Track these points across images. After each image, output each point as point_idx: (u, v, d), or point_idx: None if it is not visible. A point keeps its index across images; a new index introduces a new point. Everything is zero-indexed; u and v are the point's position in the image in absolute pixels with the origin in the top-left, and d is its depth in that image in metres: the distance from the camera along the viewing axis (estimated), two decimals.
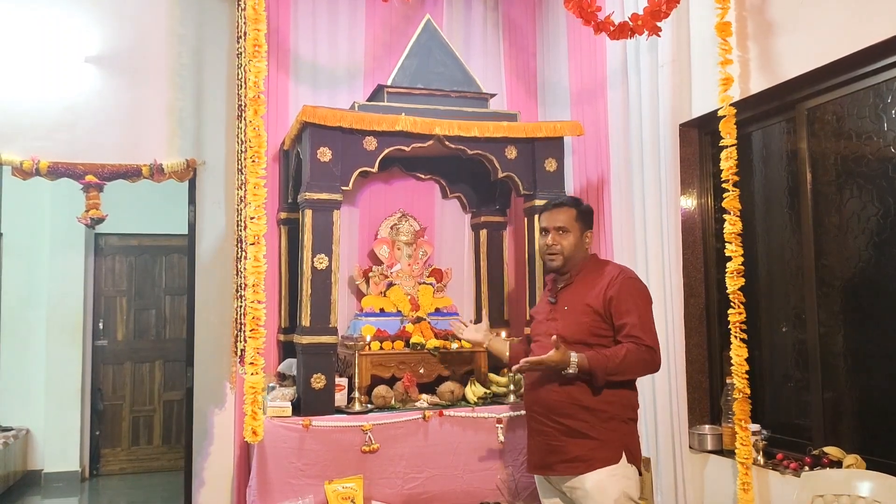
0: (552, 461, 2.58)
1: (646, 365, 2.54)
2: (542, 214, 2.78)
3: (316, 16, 4.10)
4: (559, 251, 2.66)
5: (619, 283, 2.57)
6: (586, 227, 2.72)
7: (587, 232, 2.72)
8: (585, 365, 2.47)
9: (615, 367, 2.47)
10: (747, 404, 2.78)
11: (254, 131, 2.81)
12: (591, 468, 2.48)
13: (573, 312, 2.61)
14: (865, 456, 2.55)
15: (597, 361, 2.47)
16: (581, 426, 2.52)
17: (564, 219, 2.68)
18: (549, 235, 2.69)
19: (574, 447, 2.52)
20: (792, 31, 2.72)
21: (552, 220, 2.70)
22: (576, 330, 2.57)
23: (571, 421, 2.53)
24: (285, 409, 3.16)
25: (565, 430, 2.54)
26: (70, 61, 3.89)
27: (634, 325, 2.50)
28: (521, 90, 4.39)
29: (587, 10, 2.98)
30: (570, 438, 2.53)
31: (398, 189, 4.13)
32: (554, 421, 2.57)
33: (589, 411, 2.51)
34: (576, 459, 2.51)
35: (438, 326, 3.67)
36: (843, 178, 2.75)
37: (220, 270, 4.01)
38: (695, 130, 3.34)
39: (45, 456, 5.76)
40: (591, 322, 2.56)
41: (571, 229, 2.67)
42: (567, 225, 2.67)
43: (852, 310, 2.72)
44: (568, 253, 2.66)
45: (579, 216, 2.70)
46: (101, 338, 6.07)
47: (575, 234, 2.67)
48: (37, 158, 3.74)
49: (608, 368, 2.47)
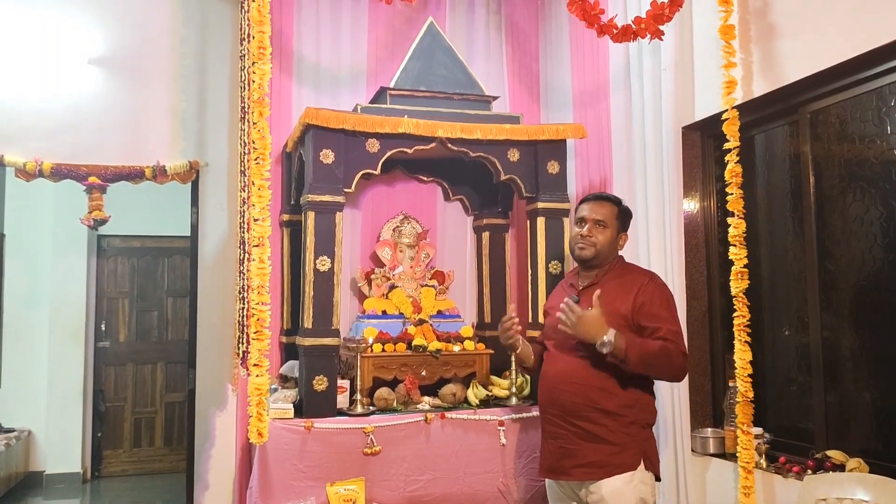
0: (567, 465, 2.50)
1: (674, 367, 2.46)
2: (582, 204, 2.70)
3: (319, 18, 4.10)
4: (593, 243, 2.59)
5: (650, 289, 2.52)
6: (623, 228, 2.68)
7: (623, 234, 2.68)
8: (622, 344, 2.37)
9: (649, 356, 2.39)
10: (750, 408, 2.76)
11: (258, 133, 2.82)
12: (608, 474, 2.42)
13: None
14: (868, 459, 2.55)
15: (633, 344, 2.39)
16: (600, 430, 2.45)
17: (606, 213, 2.63)
18: (585, 226, 2.62)
19: (591, 452, 2.45)
20: (795, 34, 2.72)
21: (593, 211, 2.63)
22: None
23: (590, 425, 2.46)
24: (287, 411, 3.16)
25: (583, 434, 2.47)
26: (73, 63, 3.90)
27: (671, 329, 2.45)
28: (523, 93, 4.39)
29: (590, 12, 2.99)
30: (587, 443, 2.46)
31: (400, 191, 4.13)
32: (571, 424, 2.49)
33: (609, 415, 2.45)
34: (593, 465, 2.44)
35: (440, 329, 3.67)
36: (846, 182, 2.74)
37: (222, 272, 4.02)
38: (697, 133, 3.34)
39: (46, 457, 5.78)
40: (615, 326, 2.44)
41: (610, 225, 2.62)
42: (607, 220, 2.62)
43: (855, 313, 2.72)
44: (601, 247, 2.59)
45: (620, 215, 2.66)
46: (104, 339, 6.09)
47: (612, 231, 2.62)
48: (40, 160, 3.75)
49: (642, 355, 2.39)
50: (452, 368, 3.54)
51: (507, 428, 3.33)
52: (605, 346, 2.38)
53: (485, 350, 3.64)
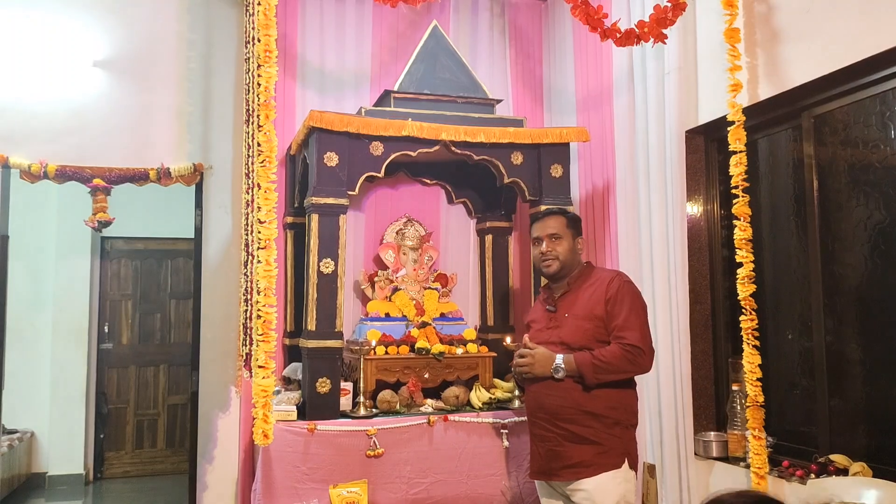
0: (555, 467, 2.59)
1: (630, 364, 2.54)
2: (532, 226, 2.85)
3: (323, 21, 4.11)
4: (555, 256, 2.71)
5: (615, 286, 2.62)
6: (577, 233, 2.80)
7: (578, 238, 2.79)
8: (573, 365, 2.53)
9: (601, 365, 2.51)
10: (760, 412, 2.75)
11: (264, 136, 2.83)
12: (594, 473, 2.51)
13: (575, 318, 2.64)
14: (872, 464, 2.55)
15: (583, 361, 2.52)
16: (586, 432, 2.53)
17: (555, 225, 2.75)
18: (542, 244, 2.74)
19: (577, 452, 2.54)
20: (799, 38, 2.73)
21: (543, 228, 2.76)
22: (580, 336, 2.60)
23: (576, 427, 2.55)
24: (290, 413, 3.16)
25: (569, 436, 2.56)
26: (79, 65, 3.91)
27: (620, 325, 2.56)
28: (527, 96, 4.40)
29: (594, 17, 3.00)
30: (573, 444, 2.55)
31: (404, 194, 4.14)
32: (558, 427, 2.58)
33: (594, 417, 2.54)
34: (579, 465, 2.53)
35: (443, 331, 3.68)
36: (849, 186, 2.75)
37: (225, 274, 4.02)
38: (701, 137, 3.34)
39: (49, 459, 5.77)
40: (594, 328, 2.59)
41: (564, 235, 2.73)
42: (559, 231, 2.74)
43: (859, 317, 2.72)
44: (563, 258, 2.71)
45: (569, 223, 2.78)
46: (107, 341, 6.09)
47: (567, 240, 2.74)
48: (45, 162, 3.76)
49: (596, 367, 2.51)
50: (455, 371, 3.54)
51: (510, 431, 3.33)
52: (559, 371, 2.56)
53: (487, 353, 3.64)
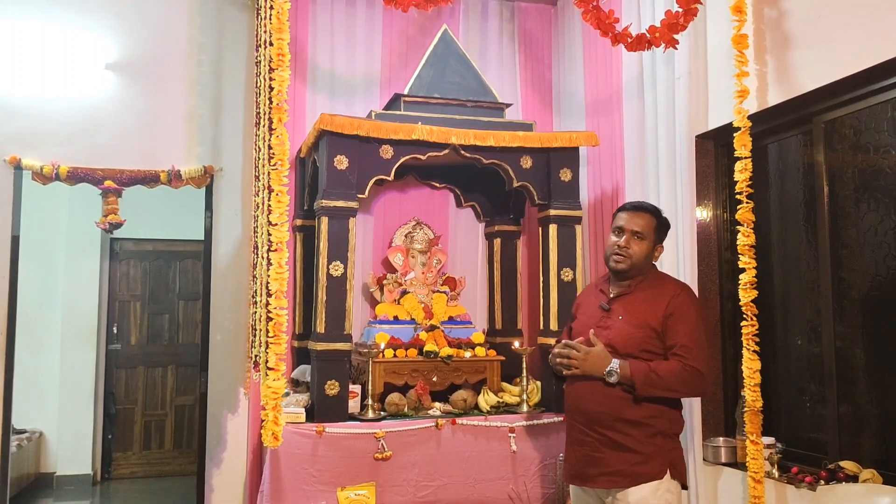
0: (593, 473, 2.48)
1: (688, 385, 2.44)
2: (620, 213, 2.64)
3: (334, 26, 4.14)
4: (629, 255, 2.53)
5: (680, 300, 2.49)
6: (660, 240, 2.62)
7: (659, 245, 2.62)
8: (627, 373, 2.40)
9: (657, 380, 2.39)
10: (758, 417, 2.74)
11: (277, 139, 2.84)
12: (634, 483, 2.40)
13: (628, 324, 2.50)
14: (882, 471, 2.54)
15: (638, 371, 2.40)
16: (625, 440, 2.42)
17: (644, 224, 2.56)
18: (623, 236, 2.55)
19: (617, 461, 2.42)
20: (809, 44, 2.73)
21: (631, 222, 2.57)
22: (627, 342, 2.48)
23: (615, 434, 2.43)
24: (299, 416, 3.17)
25: (608, 443, 2.44)
26: (91, 68, 3.94)
27: (684, 344, 2.42)
28: (536, 100, 4.41)
29: (605, 22, 3.01)
30: (612, 451, 2.43)
31: (413, 197, 4.15)
32: (596, 432, 2.46)
33: (634, 426, 2.42)
34: (618, 473, 2.42)
35: (452, 335, 3.68)
36: (859, 192, 2.74)
37: (235, 276, 4.04)
38: (711, 142, 3.34)
39: (57, 459, 5.79)
40: (644, 337, 2.46)
41: (647, 237, 2.56)
42: (644, 231, 2.56)
43: (868, 323, 2.71)
44: (636, 260, 2.54)
45: (658, 227, 2.61)
46: (115, 342, 6.11)
47: (648, 243, 2.56)
48: (57, 164, 3.79)
49: (650, 380, 2.39)
50: (463, 374, 3.55)
51: (518, 435, 3.33)
52: (612, 375, 2.42)
53: (496, 356, 3.65)
